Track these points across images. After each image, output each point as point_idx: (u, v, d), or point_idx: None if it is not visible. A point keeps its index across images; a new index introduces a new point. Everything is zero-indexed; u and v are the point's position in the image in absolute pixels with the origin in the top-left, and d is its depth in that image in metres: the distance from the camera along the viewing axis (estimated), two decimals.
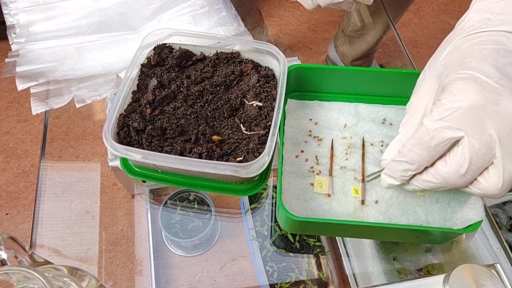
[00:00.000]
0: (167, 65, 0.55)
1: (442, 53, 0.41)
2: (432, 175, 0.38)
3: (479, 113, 0.35)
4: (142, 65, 0.54)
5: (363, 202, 0.48)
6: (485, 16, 0.40)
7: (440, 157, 0.38)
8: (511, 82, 0.36)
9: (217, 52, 0.56)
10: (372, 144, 0.53)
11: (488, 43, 0.38)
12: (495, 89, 0.35)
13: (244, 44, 0.55)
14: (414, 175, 0.40)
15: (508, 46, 0.38)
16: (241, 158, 0.46)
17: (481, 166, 0.36)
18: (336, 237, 0.69)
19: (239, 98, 0.51)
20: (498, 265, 0.49)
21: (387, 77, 0.55)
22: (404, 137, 0.41)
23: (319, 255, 0.70)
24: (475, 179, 0.37)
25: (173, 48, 0.57)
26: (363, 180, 0.49)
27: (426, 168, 0.39)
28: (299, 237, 0.70)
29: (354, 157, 0.52)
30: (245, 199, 0.75)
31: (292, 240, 0.70)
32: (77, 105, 0.65)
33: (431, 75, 0.42)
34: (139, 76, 0.53)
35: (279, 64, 0.52)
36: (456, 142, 0.37)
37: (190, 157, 0.45)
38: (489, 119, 0.35)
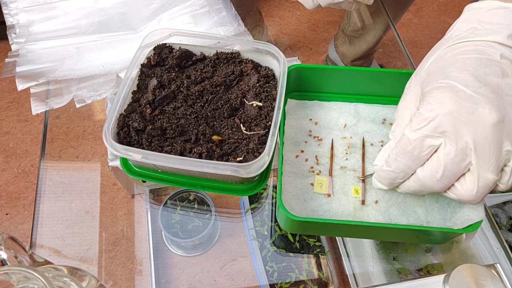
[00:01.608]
0: (167, 65, 0.55)
1: (427, 62, 0.42)
2: (413, 181, 0.40)
3: (455, 121, 0.36)
4: (142, 65, 0.54)
5: (363, 202, 0.48)
6: (473, 26, 0.41)
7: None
8: (490, 91, 0.37)
9: (217, 52, 0.56)
10: (372, 144, 0.53)
11: (471, 52, 0.39)
12: (472, 98, 0.36)
13: (244, 44, 0.55)
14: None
15: (492, 55, 0.38)
16: (241, 158, 0.46)
17: (456, 172, 0.37)
18: (336, 237, 0.69)
19: (239, 98, 0.51)
20: (498, 265, 0.49)
21: (387, 77, 0.55)
22: (389, 147, 0.42)
23: (319, 255, 0.70)
24: (453, 184, 0.38)
25: (173, 48, 0.57)
26: (363, 180, 0.49)
27: None
28: (299, 237, 0.70)
29: (354, 157, 0.52)
30: (245, 199, 0.75)
31: (292, 240, 0.70)
32: (77, 105, 0.65)
33: (416, 83, 0.43)
34: (139, 76, 0.53)
35: (279, 64, 0.52)
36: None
37: (190, 157, 0.45)
38: (465, 127, 0.36)
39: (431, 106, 0.37)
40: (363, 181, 0.49)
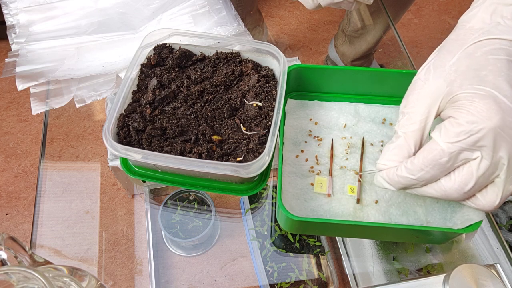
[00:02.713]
0: (167, 65, 0.55)
1: (453, 57, 0.39)
2: (433, 189, 0.38)
3: (496, 136, 0.35)
4: (142, 65, 0.54)
5: (358, 201, 0.48)
6: (496, 20, 0.38)
7: None
8: None
9: (217, 52, 0.56)
10: (372, 144, 0.53)
11: (500, 53, 0.37)
12: (511, 111, 0.35)
13: (244, 44, 0.55)
14: None
15: None
16: (241, 158, 0.46)
17: (483, 185, 0.37)
18: (336, 237, 0.69)
19: (239, 98, 0.51)
20: (498, 265, 0.49)
21: (387, 77, 0.55)
22: (406, 143, 0.39)
23: (319, 255, 0.70)
24: (474, 194, 0.38)
25: (173, 48, 0.57)
26: (360, 177, 0.49)
27: None
28: (299, 237, 0.70)
29: (354, 157, 0.52)
30: (245, 199, 0.75)
31: (292, 240, 0.70)
32: (77, 105, 0.65)
33: (437, 77, 0.39)
34: (139, 76, 0.53)
35: (279, 64, 0.52)
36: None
37: (190, 157, 0.45)
38: (504, 142, 0.35)
39: (473, 117, 0.35)
40: (360, 179, 0.49)
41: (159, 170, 0.48)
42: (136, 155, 0.43)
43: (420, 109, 0.39)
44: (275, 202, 0.57)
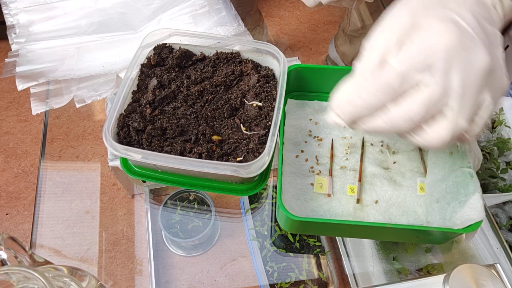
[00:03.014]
0: (167, 65, 0.55)
1: None
2: (382, 119, 0.35)
3: (450, 58, 0.32)
4: (142, 65, 0.54)
5: (358, 201, 0.48)
6: None
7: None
8: (485, 36, 0.33)
9: (217, 52, 0.56)
10: (372, 144, 0.53)
11: None
12: (471, 37, 0.32)
13: (244, 44, 0.55)
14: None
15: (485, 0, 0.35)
16: (241, 158, 0.46)
17: (431, 113, 0.34)
18: (336, 237, 0.69)
19: (239, 98, 0.51)
20: (498, 265, 0.49)
21: None
22: (363, 77, 0.36)
23: (319, 255, 0.70)
24: (420, 125, 0.35)
25: (173, 48, 0.57)
26: (359, 180, 0.49)
27: None
28: (299, 237, 0.70)
29: (354, 157, 0.52)
30: (245, 199, 0.75)
31: (292, 240, 0.70)
32: (77, 105, 0.65)
33: (402, 10, 0.36)
34: (139, 76, 0.53)
35: (279, 64, 0.52)
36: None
37: (190, 157, 0.45)
38: (458, 66, 0.32)
39: (427, 35, 0.33)
40: (360, 180, 0.49)
41: (159, 170, 0.48)
42: (136, 155, 0.43)
43: (382, 40, 0.35)
44: (275, 202, 0.57)
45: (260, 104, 0.51)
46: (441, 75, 0.32)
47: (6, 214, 1.16)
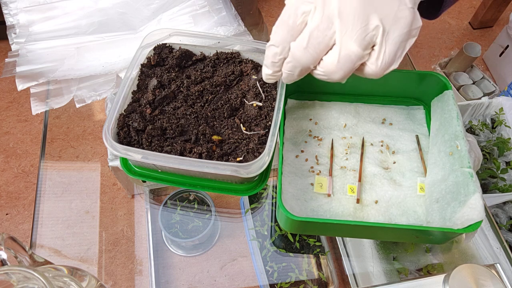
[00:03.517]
0: (167, 65, 0.55)
1: None
2: (288, 57, 0.38)
3: None
4: (142, 65, 0.54)
5: (358, 201, 0.48)
6: None
7: None
8: None
9: (217, 52, 0.56)
10: (372, 144, 0.53)
11: None
12: None
13: (244, 44, 0.55)
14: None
15: None
16: (241, 158, 0.46)
17: (321, 42, 0.36)
18: (336, 237, 0.69)
19: (239, 98, 0.51)
20: (498, 265, 0.49)
21: (387, 77, 0.55)
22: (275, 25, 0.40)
23: (319, 255, 0.70)
24: (321, 58, 0.37)
25: (173, 48, 0.57)
26: (359, 180, 0.49)
27: None
28: (299, 237, 0.70)
29: (354, 157, 0.52)
30: (245, 199, 0.75)
31: (292, 240, 0.70)
32: (77, 105, 0.65)
33: None
34: (139, 76, 0.53)
35: None
36: None
37: (190, 157, 0.45)
38: None
39: None
40: (360, 180, 0.49)
41: (159, 170, 0.48)
42: (136, 155, 0.43)
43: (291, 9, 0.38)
44: (275, 202, 0.57)
45: (260, 104, 0.51)
46: (320, 4, 0.35)
47: (6, 214, 1.16)
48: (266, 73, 0.42)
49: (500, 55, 1.56)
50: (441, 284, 0.44)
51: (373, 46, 0.36)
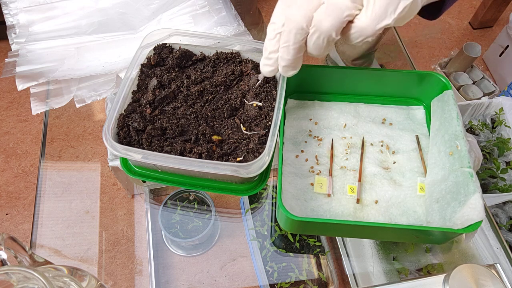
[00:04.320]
0: (167, 65, 0.55)
1: None
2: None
3: None
4: (142, 65, 0.54)
5: (358, 201, 0.48)
6: None
7: None
8: None
9: (217, 52, 0.56)
10: (372, 144, 0.53)
11: None
12: None
13: (244, 44, 0.55)
14: None
15: None
16: (241, 158, 0.46)
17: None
18: (336, 237, 0.69)
19: (239, 98, 0.51)
20: (498, 265, 0.49)
21: (387, 77, 0.55)
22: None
23: (319, 255, 0.70)
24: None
25: (173, 48, 0.57)
26: (359, 180, 0.49)
27: None
28: (299, 237, 0.70)
29: (354, 157, 0.52)
30: (245, 199, 0.75)
31: (292, 240, 0.70)
32: (77, 105, 0.65)
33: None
34: (139, 76, 0.53)
35: None
36: None
37: (190, 157, 0.45)
38: None
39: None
40: (360, 180, 0.49)
41: (159, 170, 0.48)
42: (136, 155, 0.43)
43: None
44: (275, 202, 0.57)
45: (260, 104, 0.51)
46: None
47: (6, 214, 1.16)
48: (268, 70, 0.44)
49: (500, 55, 1.56)
50: (441, 284, 0.44)
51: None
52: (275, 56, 0.43)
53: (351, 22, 0.38)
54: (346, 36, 0.39)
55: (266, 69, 0.44)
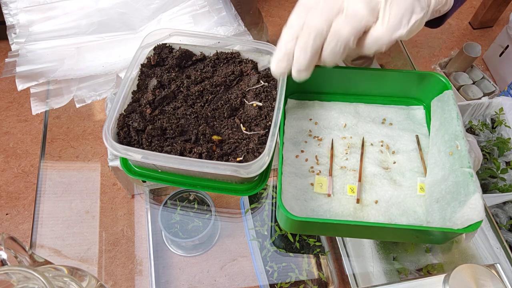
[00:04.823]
0: (167, 65, 0.55)
1: None
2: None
3: None
4: (142, 65, 0.54)
5: (358, 201, 0.48)
6: None
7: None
8: None
9: (217, 52, 0.56)
10: (372, 144, 0.53)
11: None
12: None
13: (244, 44, 0.55)
14: None
15: None
16: (241, 158, 0.46)
17: (333, 6, 0.40)
18: (336, 237, 0.69)
19: (239, 98, 0.51)
20: (498, 265, 0.49)
21: (387, 77, 0.55)
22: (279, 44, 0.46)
23: (319, 255, 0.70)
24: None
25: (173, 48, 0.57)
26: (359, 180, 0.49)
27: None
28: (299, 237, 0.70)
29: (354, 157, 0.52)
30: (245, 199, 0.75)
31: (292, 240, 0.70)
32: (77, 105, 0.65)
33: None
34: (139, 76, 0.53)
35: None
36: None
37: (190, 157, 0.45)
38: None
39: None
40: (360, 180, 0.49)
41: (159, 170, 0.48)
42: (136, 155, 0.43)
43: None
44: (275, 202, 0.57)
45: (260, 104, 0.51)
46: None
47: (6, 214, 1.16)
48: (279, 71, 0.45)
49: (500, 55, 1.56)
50: (441, 284, 0.44)
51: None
52: (289, 58, 0.44)
53: (366, 32, 0.40)
54: (361, 45, 0.41)
55: (278, 71, 0.45)
